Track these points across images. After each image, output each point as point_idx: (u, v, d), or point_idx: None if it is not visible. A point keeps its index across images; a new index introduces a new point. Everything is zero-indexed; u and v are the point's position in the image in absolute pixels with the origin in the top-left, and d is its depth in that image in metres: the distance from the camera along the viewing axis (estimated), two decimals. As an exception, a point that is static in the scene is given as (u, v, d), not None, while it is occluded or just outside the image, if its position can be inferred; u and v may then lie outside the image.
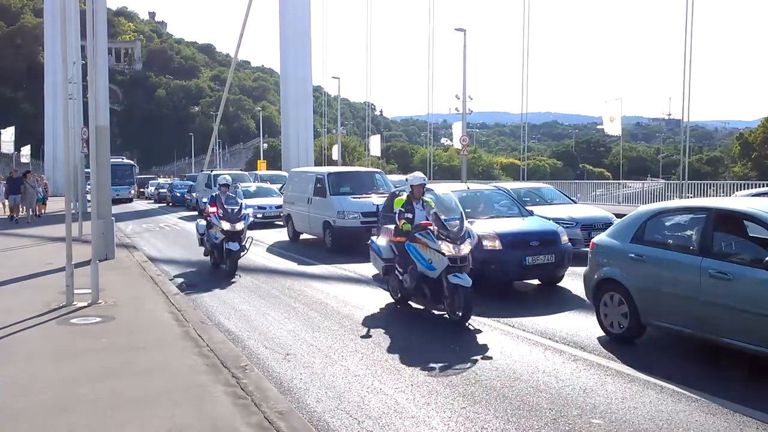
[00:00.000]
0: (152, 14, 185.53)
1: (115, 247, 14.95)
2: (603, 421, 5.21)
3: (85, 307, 9.14)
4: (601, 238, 8.19)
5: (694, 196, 31.55)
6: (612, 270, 7.61)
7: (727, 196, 30.27)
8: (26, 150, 58.23)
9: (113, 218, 15.31)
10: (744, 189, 24.62)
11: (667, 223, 7.57)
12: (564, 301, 9.98)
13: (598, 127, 51.98)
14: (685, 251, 6.88)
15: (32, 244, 17.96)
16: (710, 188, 34.07)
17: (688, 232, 7.17)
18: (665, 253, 7.06)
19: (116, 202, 38.62)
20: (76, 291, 9.43)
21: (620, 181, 40.43)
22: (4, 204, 29.26)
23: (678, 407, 5.47)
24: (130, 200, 47.25)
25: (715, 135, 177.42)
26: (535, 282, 11.20)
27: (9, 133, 46.24)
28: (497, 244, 10.16)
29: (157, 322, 8.44)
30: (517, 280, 11.09)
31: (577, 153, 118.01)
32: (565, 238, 10.76)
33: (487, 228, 10.52)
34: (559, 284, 10.99)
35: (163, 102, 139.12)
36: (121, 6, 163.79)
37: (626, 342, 7.42)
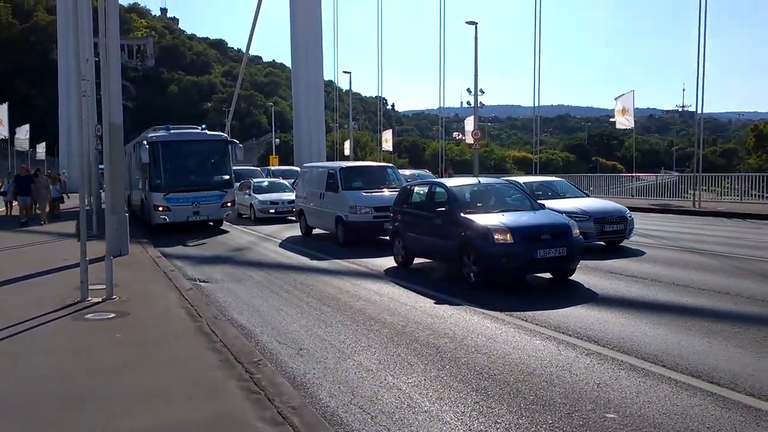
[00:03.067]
0: (164, 10, 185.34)
1: (128, 243, 15.04)
2: (617, 415, 5.18)
3: (99, 302, 9.20)
4: None
5: (708, 189, 31.36)
6: None
7: (742, 188, 30.07)
8: (41, 147, 58.67)
9: (127, 214, 15.40)
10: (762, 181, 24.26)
11: None
12: (576, 295, 9.93)
13: (611, 119, 51.61)
14: None
15: (47, 241, 18.12)
16: (725, 180, 33.81)
17: None
18: None
19: (192, 228, 20.83)
20: (90, 287, 9.50)
21: (633, 174, 40.15)
22: (10, 203, 27.31)
23: (693, 401, 5.44)
24: (219, 224, 22.30)
25: (729, 126, 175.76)
26: (547, 276, 11.17)
27: (24, 130, 46.43)
28: (508, 238, 10.13)
29: (170, 317, 8.48)
30: (529, 273, 11.06)
31: (590, 146, 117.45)
32: (576, 231, 10.71)
33: (498, 221, 10.56)
34: (570, 278, 10.95)
35: (176, 98, 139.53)
36: (133, 2, 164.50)
37: (641, 336, 7.38)
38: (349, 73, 62.98)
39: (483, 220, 10.69)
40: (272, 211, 24.35)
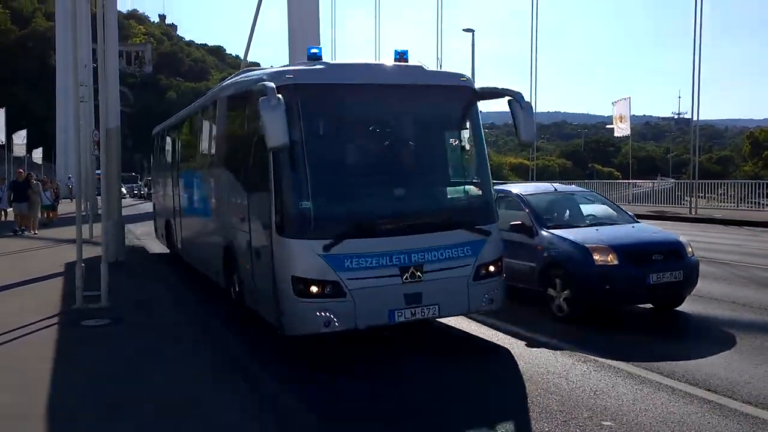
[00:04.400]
0: (162, 17, 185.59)
1: (125, 249, 14.99)
2: (614, 423, 5.17)
3: (95, 309, 9.16)
4: None
5: (704, 196, 31.45)
6: None
7: (738, 195, 30.16)
8: (38, 153, 58.54)
9: (123, 220, 15.34)
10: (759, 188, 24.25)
11: None
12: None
13: (608, 126, 51.75)
14: None
15: (43, 246, 18.05)
16: (721, 187, 33.90)
17: None
18: None
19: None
20: (86, 293, 9.45)
21: (630, 181, 40.23)
22: (5, 211, 26.17)
23: (690, 409, 5.43)
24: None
25: (725, 134, 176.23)
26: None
27: (21, 136, 46.29)
28: (611, 258, 8.24)
29: (166, 324, 8.44)
30: (638, 303, 9.11)
31: (586, 152, 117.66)
32: (690, 250, 8.77)
33: (597, 238, 8.69)
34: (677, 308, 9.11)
35: (174, 104, 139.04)
36: (131, 9, 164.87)
37: (636, 343, 7.38)
38: (347, 79, 62.97)
39: (574, 236, 8.78)
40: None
